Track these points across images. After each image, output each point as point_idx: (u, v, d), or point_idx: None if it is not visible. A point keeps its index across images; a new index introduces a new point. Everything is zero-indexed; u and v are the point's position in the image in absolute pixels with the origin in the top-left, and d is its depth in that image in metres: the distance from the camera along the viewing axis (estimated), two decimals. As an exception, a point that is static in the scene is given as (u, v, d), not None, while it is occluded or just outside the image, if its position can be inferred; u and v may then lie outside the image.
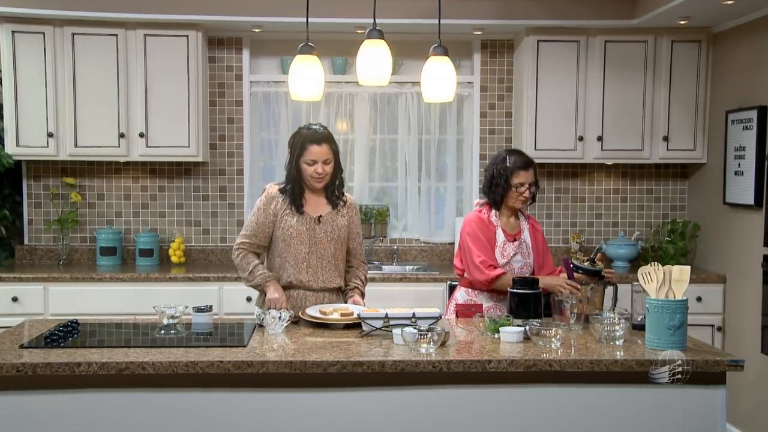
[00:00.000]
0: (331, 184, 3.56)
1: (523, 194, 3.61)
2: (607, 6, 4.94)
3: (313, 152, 3.45)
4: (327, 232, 3.54)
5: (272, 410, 2.80)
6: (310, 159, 3.45)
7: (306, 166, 3.47)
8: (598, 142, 5.16)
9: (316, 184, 3.50)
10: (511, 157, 3.65)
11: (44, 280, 4.78)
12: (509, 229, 3.68)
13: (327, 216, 3.55)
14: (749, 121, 4.62)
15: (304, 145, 3.46)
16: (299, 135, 3.51)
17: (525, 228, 3.72)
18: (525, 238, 3.70)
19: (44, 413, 2.76)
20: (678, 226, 5.30)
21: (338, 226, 3.57)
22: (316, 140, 3.46)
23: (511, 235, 3.67)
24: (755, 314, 4.55)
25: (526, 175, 3.61)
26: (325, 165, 3.47)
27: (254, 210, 3.57)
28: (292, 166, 3.51)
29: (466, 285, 3.75)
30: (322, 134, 3.49)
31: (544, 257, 3.76)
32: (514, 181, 3.60)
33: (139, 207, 5.45)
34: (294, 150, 3.50)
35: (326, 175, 3.49)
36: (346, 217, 3.61)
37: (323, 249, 3.53)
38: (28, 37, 4.95)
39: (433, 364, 2.77)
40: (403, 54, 5.33)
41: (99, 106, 5.02)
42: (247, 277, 3.54)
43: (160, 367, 2.73)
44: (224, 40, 5.41)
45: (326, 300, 3.57)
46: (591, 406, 2.85)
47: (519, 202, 3.65)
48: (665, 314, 2.90)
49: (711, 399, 2.85)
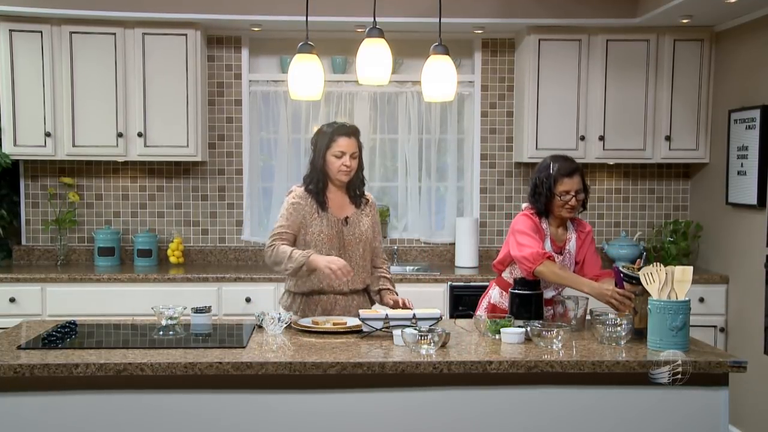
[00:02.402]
0: (353, 181, 3.53)
1: (569, 203, 3.40)
2: (609, 5, 4.92)
3: (342, 144, 3.43)
4: (355, 234, 3.51)
5: (272, 412, 2.78)
6: (338, 150, 3.43)
7: (333, 158, 3.44)
8: (600, 141, 5.14)
9: (343, 177, 3.47)
10: (555, 164, 3.43)
11: (42, 280, 4.76)
12: (557, 239, 3.50)
13: (352, 216, 3.53)
14: (752, 121, 4.60)
15: (333, 136, 3.45)
16: (327, 128, 3.51)
17: (572, 238, 3.52)
18: (570, 248, 3.51)
19: (42, 415, 2.75)
20: (680, 227, 5.28)
21: (364, 227, 3.54)
22: (345, 132, 3.46)
23: (558, 247, 3.48)
24: (758, 315, 4.53)
25: (570, 183, 3.39)
26: (352, 159, 3.45)
27: (284, 210, 3.49)
28: (317, 159, 3.48)
29: (501, 285, 3.61)
30: (351, 127, 3.51)
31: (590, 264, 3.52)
32: (558, 189, 3.38)
33: (137, 207, 5.43)
34: (321, 142, 3.47)
35: (352, 170, 3.47)
36: (369, 216, 3.59)
37: (352, 251, 3.49)
38: (26, 36, 4.93)
39: (433, 365, 2.75)
40: (404, 53, 5.30)
41: (97, 106, 5.00)
42: (286, 263, 3.35)
43: (159, 368, 2.71)
44: (223, 39, 5.39)
45: (355, 303, 3.52)
46: (593, 408, 2.83)
47: (565, 211, 3.42)
48: (667, 315, 2.88)
49: (713, 400, 2.84)
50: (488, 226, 5.54)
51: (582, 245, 3.53)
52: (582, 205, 3.46)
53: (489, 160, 5.51)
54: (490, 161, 5.51)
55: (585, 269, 3.51)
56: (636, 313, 3.10)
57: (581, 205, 3.46)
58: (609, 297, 3.18)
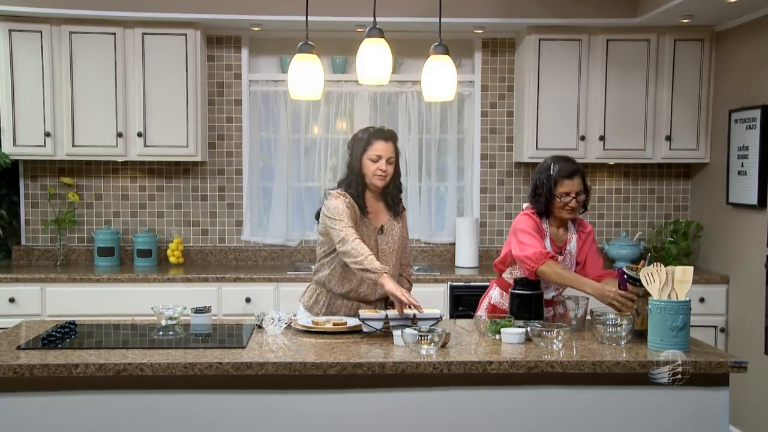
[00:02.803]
0: (389, 187, 3.47)
1: (569, 204, 3.39)
2: (609, 4, 4.91)
3: (378, 148, 3.38)
4: (389, 243, 3.47)
5: (271, 412, 2.78)
6: (375, 155, 3.37)
7: (370, 162, 3.38)
8: (600, 141, 5.13)
9: (378, 182, 3.40)
10: (556, 165, 3.41)
11: (41, 280, 4.75)
12: (557, 240, 3.49)
13: (387, 225, 3.49)
14: (752, 121, 4.59)
15: (370, 140, 3.39)
16: (364, 132, 3.46)
17: (573, 239, 3.51)
18: (570, 248, 3.50)
19: (41, 415, 2.75)
20: (681, 227, 5.27)
21: (397, 236, 3.51)
22: (383, 136, 3.41)
23: (558, 247, 3.48)
24: (758, 315, 4.53)
25: (571, 185, 3.38)
26: (388, 164, 3.39)
27: (340, 211, 3.31)
28: (354, 163, 3.42)
29: (502, 286, 3.60)
30: (389, 131, 3.46)
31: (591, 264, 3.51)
32: (558, 191, 3.38)
33: (137, 207, 5.43)
34: (358, 146, 3.42)
35: (388, 175, 3.41)
36: (400, 224, 3.55)
37: (386, 260, 3.43)
38: (25, 36, 4.92)
39: (433, 366, 2.74)
40: (404, 53, 5.30)
41: (97, 106, 4.99)
42: (362, 261, 3.18)
43: (159, 368, 2.71)
44: (223, 39, 5.38)
45: (379, 308, 3.46)
46: (593, 408, 2.82)
47: (565, 213, 3.41)
48: (668, 315, 2.88)
49: (714, 400, 2.84)
50: (488, 227, 5.54)
51: (583, 245, 3.52)
52: (583, 206, 3.45)
53: (489, 160, 5.50)
54: (491, 161, 5.50)
55: (587, 270, 3.50)
56: (638, 315, 3.09)
57: (582, 206, 3.45)
58: (611, 298, 3.16)
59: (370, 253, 3.20)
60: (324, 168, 5.45)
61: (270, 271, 4.96)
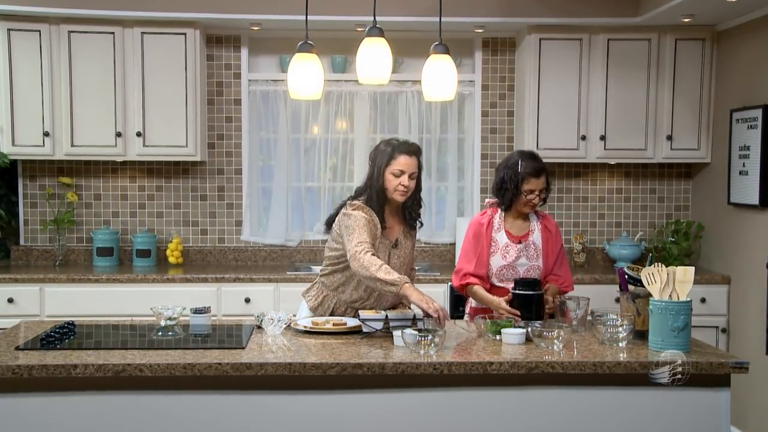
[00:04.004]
0: (408, 202, 3.45)
1: (532, 201, 3.52)
2: (610, 4, 4.90)
3: (402, 162, 3.32)
4: (400, 257, 3.47)
5: (271, 413, 2.77)
6: (398, 169, 3.32)
7: (392, 177, 3.33)
8: (601, 141, 5.12)
9: (399, 198, 3.37)
10: (524, 162, 3.51)
11: (40, 281, 4.74)
12: (515, 230, 3.58)
13: (401, 239, 3.48)
14: (754, 120, 4.58)
15: (394, 154, 3.34)
16: (387, 144, 3.39)
17: (536, 229, 3.59)
18: (534, 240, 3.57)
19: (40, 416, 2.74)
20: (682, 227, 5.26)
21: (408, 250, 3.51)
22: (407, 151, 3.35)
23: (516, 237, 3.56)
24: (760, 316, 4.51)
25: (536, 183, 3.50)
26: (410, 179, 3.35)
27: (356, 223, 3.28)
28: (376, 176, 3.35)
29: None
30: (413, 146, 3.40)
31: (554, 263, 3.59)
32: (524, 188, 3.49)
33: (136, 207, 5.41)
34: (381, 158, 3.36)
35: (409, 191, 3.37)
36: (410, 238, 3.54)
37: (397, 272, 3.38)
38: (24, 35, 4.91)
39: (433, 366, 2.74)
40: (404, 52, 5.29)
41: (96, 105, 4.98)
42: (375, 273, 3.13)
43: (158, 369, 2.70)
44: (222, 38, 5.37)
45: None
46: (594, 409, 2.82)
47: (528, 208, 3.55)
48: (669, 316, 2.87)
49: (715, 401, 2.84)
50: (489, 226, 5.52)
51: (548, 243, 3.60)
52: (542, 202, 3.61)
53: (489, 159, 5.49)
54: (491, 161, 5.49)
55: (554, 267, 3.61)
56: (639, 315, 3.08)
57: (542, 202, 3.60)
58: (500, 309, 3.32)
59: (382, 263, 3.17)
60: (324, 168, 5.44)
61: (269, 272, 4.95)
